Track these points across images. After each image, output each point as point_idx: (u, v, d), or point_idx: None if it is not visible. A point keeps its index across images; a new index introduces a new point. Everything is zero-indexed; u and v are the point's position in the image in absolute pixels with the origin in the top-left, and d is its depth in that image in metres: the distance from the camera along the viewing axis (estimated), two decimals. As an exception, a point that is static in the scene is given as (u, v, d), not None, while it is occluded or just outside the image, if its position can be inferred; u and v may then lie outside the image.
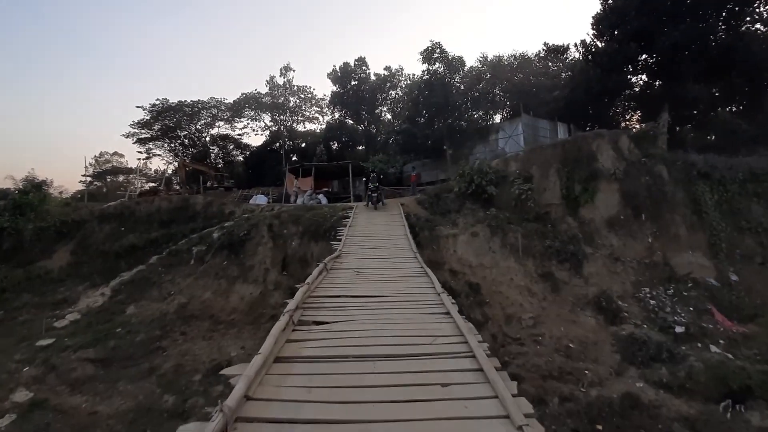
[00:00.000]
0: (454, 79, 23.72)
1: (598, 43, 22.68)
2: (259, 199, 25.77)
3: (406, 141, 25.84)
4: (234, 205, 20.42)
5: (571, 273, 12.14)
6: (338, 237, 11.76)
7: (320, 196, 25.87)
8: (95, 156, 51.13)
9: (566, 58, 33.47)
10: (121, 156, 50.36)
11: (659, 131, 15.01)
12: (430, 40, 22.97)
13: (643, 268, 12.43)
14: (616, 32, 19.47)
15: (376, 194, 17.15)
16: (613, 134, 14.72)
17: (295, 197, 24.40)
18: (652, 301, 11.23)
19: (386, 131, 34.73)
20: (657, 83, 22.05)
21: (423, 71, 23.72)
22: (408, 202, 18.19)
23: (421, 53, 23.42)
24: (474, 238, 13.90)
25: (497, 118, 26.84)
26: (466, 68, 24.17)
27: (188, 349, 11.95)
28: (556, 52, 33.78)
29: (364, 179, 23.90)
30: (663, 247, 12.93)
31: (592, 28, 22.51)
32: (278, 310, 13.51)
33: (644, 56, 19.42)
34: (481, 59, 24.95)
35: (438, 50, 23.01)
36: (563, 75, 31.36)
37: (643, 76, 22.40)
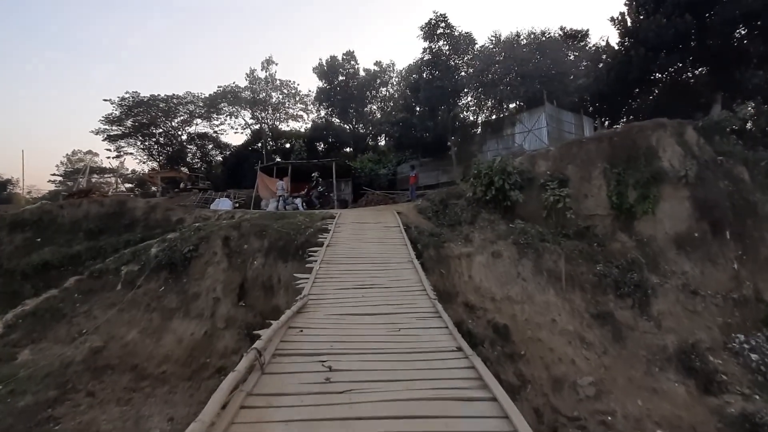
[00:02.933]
0: (462, 60, 21.16)
1: (629, 20, 20.48)
2: (222, 204, 22.80)
3: (403, 135, 23.16)
4: (185, 212, 17.39)
5: (635, 313, 9.49)
6: (310, 262, 8.89)
7: (297, 200, 23.07)
8: (67, 154, 53.16)
9: (585, 45, 31.58)
10: (96, 155, 51.29)
11: (734, 123, 12.53)
12: (434, 11, 20.44)
13: (731, 306, 9.85)
14: (661, 4, 17.10)
15: (320, 200, 19.46)
16: (677, 125, 12.21)
17: (278, 201, 21.41)
18: (753, 356, 8.64)
19: (378, 123, 32.23)
20: (704, 70, 19.81)
21: (424, 49, 21.13)
22: (406, 210, 15.45)
23: (421, 28, 20.81)
24: (496, 259, 11.22)
25: (511, 109, 24.39)
26: (476, 48, 21.63)
27: (92, 420, 9.00)
28: (573, 38, 31.79)
29: (313, 183, 21.72)
30: (753, 276, 10.40)
31: (627, 2, 20.30)
32: (228, 360, 10.59)
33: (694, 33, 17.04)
34: (493, 38, 22.50)
35: (442, 24, 20.44)
36: (582, 65, 29.37)
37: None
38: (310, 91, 39.45)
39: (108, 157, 42.19)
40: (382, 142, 36.88)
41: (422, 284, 6.59)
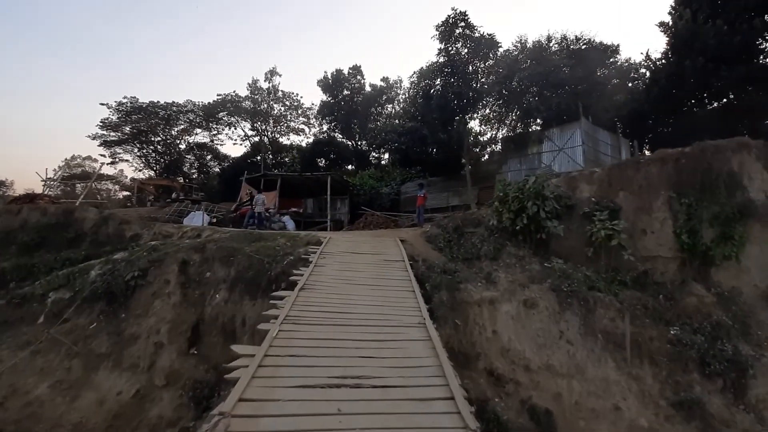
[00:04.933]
0: (483, 64, 19.34)
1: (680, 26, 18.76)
2: (196, 219, 20.61)
3: (410, 147, 21.15)
4: (143, 226, 15.21)
5: (728, 399, 7.17)
6: (273, 306, 6.62)
7: (285, 218, 21.01)
8: (66, 159, 54.47)
9: (615, 61, 30.40)
10: (95, 160, 51.48)
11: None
12: (452, 8, 18.66)
13: None
14: (722, 6, 15.29)
15: (253, 219, 17.62)
16: (764, 146, 10.15)
17: (255, 218, 18.94)
18: None
19: (382, 132, 30.52)
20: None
21: (439, 50, 19.26)
22: (411, 238, 13.25)
23: (437, 27, 19.04)
24: (529, 310, 9.00)
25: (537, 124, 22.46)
26: (499, 53, 19.84)
27: None
28: (603, 52, 30.56)
29: (246, 201, 19.57)
30: None
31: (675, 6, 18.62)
32: (161, 436, 8.24)
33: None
34: (518, 44, 20.77)
35: (462, 23, 18.69)
36: (613, 82, 28.06)
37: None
38: (313, 104, 39.37)
39: (102, 164, 42.05)
40: (385, 160, 36.19)
41: (447, 381, 3.98)
